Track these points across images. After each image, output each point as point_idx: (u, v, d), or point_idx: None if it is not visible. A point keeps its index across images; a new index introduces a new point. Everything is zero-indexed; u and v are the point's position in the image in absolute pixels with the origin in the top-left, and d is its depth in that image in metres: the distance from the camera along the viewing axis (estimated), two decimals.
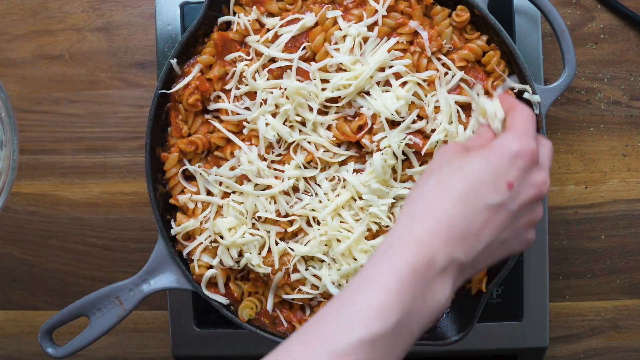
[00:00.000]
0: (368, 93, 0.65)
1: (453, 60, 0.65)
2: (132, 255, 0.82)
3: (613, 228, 0.79)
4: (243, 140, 0.67)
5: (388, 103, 0.64)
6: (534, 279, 0.73)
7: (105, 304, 0.66)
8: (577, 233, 0.79)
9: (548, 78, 0.76)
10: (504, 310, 0.73)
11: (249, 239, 0.66)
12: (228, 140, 0.68)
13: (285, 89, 0.65)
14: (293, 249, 0.66)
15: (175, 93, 0.67)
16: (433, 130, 0.65)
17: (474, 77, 0.66)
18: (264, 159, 0.67)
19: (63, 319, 0.66)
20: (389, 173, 0.65)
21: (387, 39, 0.65)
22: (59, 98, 0.81)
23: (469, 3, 0.65)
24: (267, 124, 0.66)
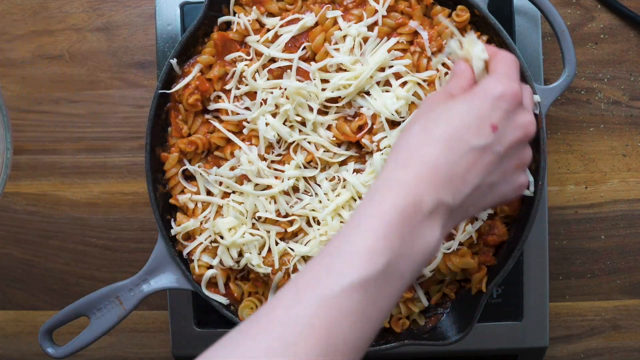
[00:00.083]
0: (368, 93, 0.65)
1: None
2: (132, 255, 0.82)
3: (613, 228, 0.79)
4: (243, 140, 0.67)
5: (388, 103, 0.64)
6: (534, 279, 0.73)
7: (105, 304, 0.66)
8: (577, 233, 0.79)
9: (548, 78, 0.76)
10: (504, 310, 0.73)
11: (249, 239, 0.66)
12: (228, 140, 0.68)
13: (285, 89, 0.65)
14: (293, 249, 0.66)
15: (175, 93, 0.67)
16: None
17: None
18: (264, 159, 0.67)
19: (63, 319, 0.66)
20: None
21: (387, 39, 0.66)
22: (59, 98, 0.81)
23: (469, 3, 0.65)
24: (267, 124, 0.66)
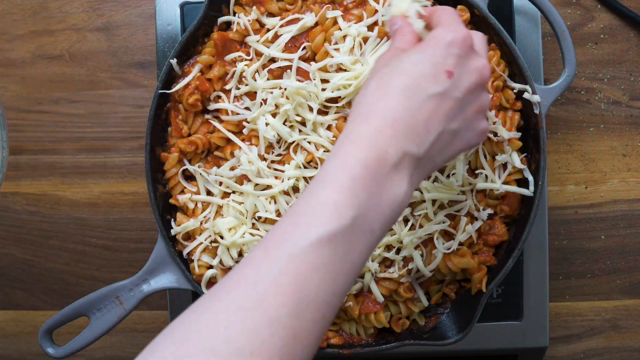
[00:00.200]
0: None
1: None
2: (132, 255, 0.82)
3: (613, 228, 0.79)
4: (243, 140, 0.67)
5: None
6: (534, 279, 0.73)
7: (105, 304, 0.66)
8: (577, 233, 0.79)
9: (548, 78, 0.76)
10: (504, 310, 0.73)
11: (249, 239, 0.66)
12: (228, 140, 0.68)
13: (285, 89, 0.65)
14: None
15: (175, 93, 0.67)
16: None
17: None
18: (264, 159, 0.67)
19: (63, 319, 0.66)
20: None
21: (387, 39, 0.65)
22: (59, 98, 0.81)
23: (469, 3, 0.65)
24: (267, 124, 0.66)
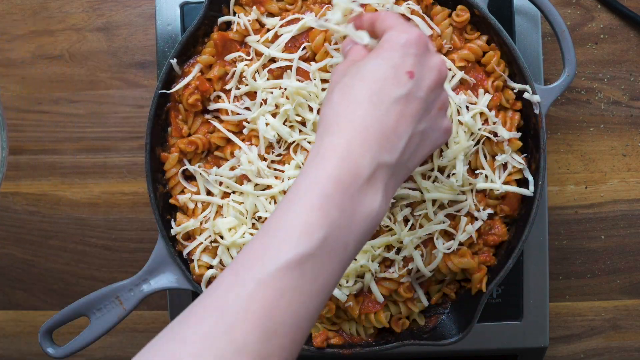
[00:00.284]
0: None
1: (453, 60, 0.65)
2: (132, 255, 0.82)
3: (613, 228, 0.79)
4: (243, 140, 0.67)
5: None
6: (534, 279, 0.73)
7: (105, 304, 0.66)
8: (577, 233, 0.79)
9: (548, 78, 0.76)
10: (504, 310, 0.73)
11: (249, 239, 0.66)
12: (228, 140, 0.68)
13: (285, 89, 0.65)
14: None
15: (175, 93, 0.67)
16: None
17: (474, 77, 0.66)
18: (264, 159, 0.67)
19: (63, 319, 0.66)
20: None
21: None
22: (59, 98, 0.81)
23: (469, 3, 0.65)
24: (267, 124, 0.65)
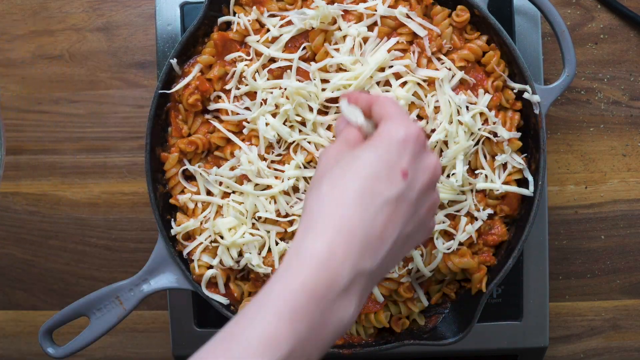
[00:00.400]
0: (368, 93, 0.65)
1: (453, 60, 0.65)
2: (132, 255, 0.82)
3: (613, 228, 0.79)
4: (243, 140, 0.67)
5: None
6: (534, 279, 0.73)
7: (105, 304, 0.66)
8: (577, 233, 0.79)
9: (548, 78, 0.76)
10: (504, 310, 0.73)
11: (249, 239, 0.66)
12: (228, 140, 0.68)
13: (285, 89, 0.65)
14: None
15: (175, 93, 0.67)
16: (433, 130, 0.65)
17: (474, 77, 0.66)
18: (264, 159, 0.67)
19: (63, 319, 0.66)
20: None
21: (387, 39, 0.65)
22: (59, 98, 0.81)
23: (469, 3, 0.65)
24: (267, 124, 0.65)
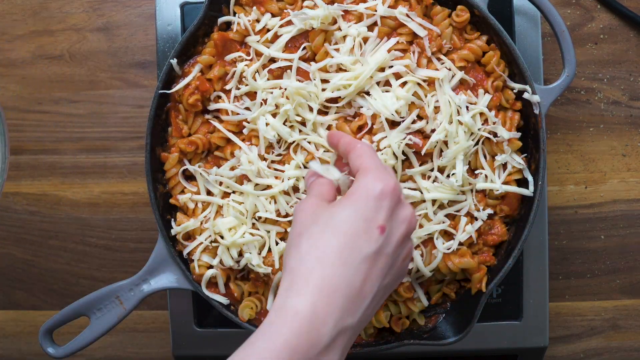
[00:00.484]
0: (368, 93, 0.65)
1: (453, 60, 0.65)
2: (132, 255, 0.82)
3: (613, 228, 0.79)
4: (243, 140, 0.67)
5: (388, 103, 0.64)
6: (534, 279, 0.73)
7: (106, 304, 0.66)
8: (577, 233, 0.79)
9: (548, 78, 0.76)
10: (504, 310, 0.73)
11: (249, 239, 0.66)
12: (228, 140, 0.68)
13: (285, 89, 0.65)
14: None
15: (176, 93, 0.67)
16: (433, 130, 0.65)
17: (474, 77, 0.66)
18: (264, 159, 0.67)
19: (63, 319, 0.66)
20: None
21: (387, 39, 0.65)
22: (59, 98, 0.81)
23: (469, 3, 0.65)
24: (267, 124, 0.65)
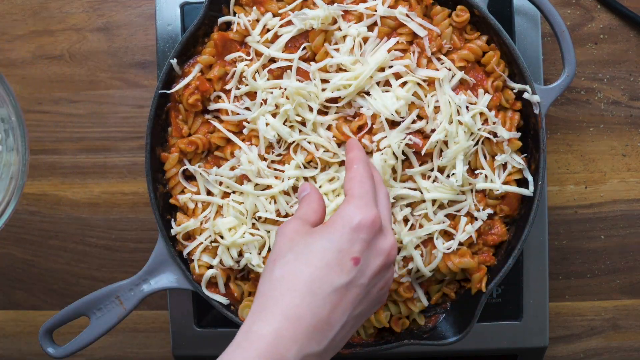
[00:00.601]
0: (368, 93, 0.65)
1: (453, 60, 0.65)
2: (132, 255, 0.82)
3: (613, 228, 0.79)
4: (243, 140, 0.67)
5: (388, 103, 0.64)
6: (534, 279, 0.73)
7: (106, 304, 0.66)
8: (577, 233, 0.79)
9: (548, 78, 0.76)
10: (504, 310, 0.73)
11: (249, 239, 0.66)
12: (228, 140, 0.68)
13: (285, 89, 0.65)
14: None
15: (176, 93, 0.67)
16: (433, 130, 0.65)
17: (474, 77, 0.66)
18: (264, 159, 0.67)
19: (63, 319, 0.66)
20: (389, 173, 0.65)
21: (387, 39, 0.66)
22: (59, 98, 0.81)
23: (469, 3, 0.65)
24: (267, 124, 0.66)
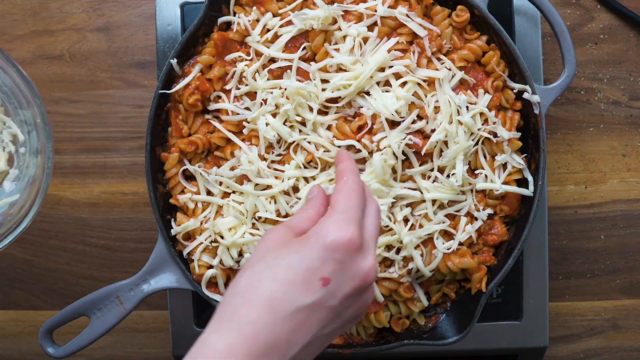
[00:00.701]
0: (368, 93, 0.65)
1: (453, 60, 0.65)
2: (132, 255, 0.82)
3: (613, 228, 0.79)
4: (243, 140, 0.67)
5: (388, 103, 0.64)
6: (534, 279, 0.73)
7: (106, 304, 0.66)
8: (577, 233, 0.79)
9: (548, 78, 0.76)
10: (504, 310, 0.73)
11: (249, 239, 0.66)
12: (228, 140, 0.68)
13: (285, 89, 0.65)
14: None
15: (176, 93, 0.67)
16: (433, 130, 0.65)
17: (474, 77, 0.66)
18: (264, 159, 0.67)
19: (63, 319, 0.66)
20: (389, 173, 0.65)
21: (387, 39, 0.66)
22: (59, 98, 0.81)
23: (469, 3, 0.65)
24: (267, 124, 0.66)
